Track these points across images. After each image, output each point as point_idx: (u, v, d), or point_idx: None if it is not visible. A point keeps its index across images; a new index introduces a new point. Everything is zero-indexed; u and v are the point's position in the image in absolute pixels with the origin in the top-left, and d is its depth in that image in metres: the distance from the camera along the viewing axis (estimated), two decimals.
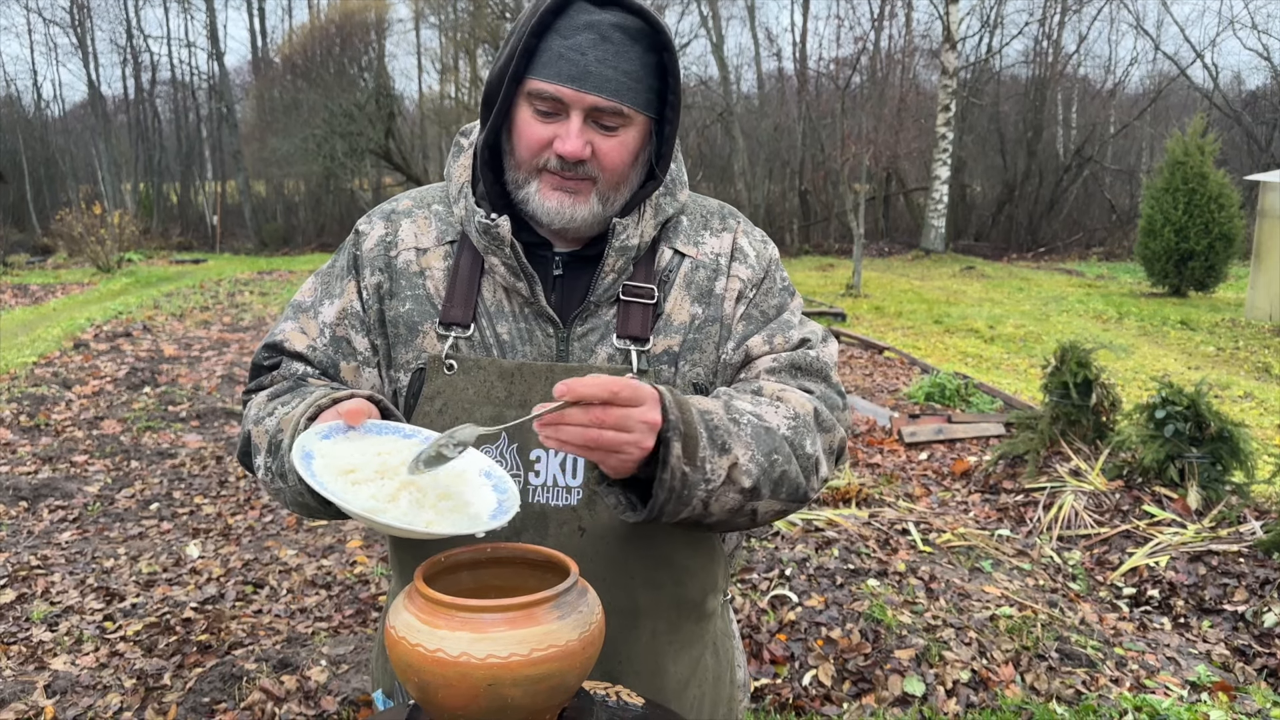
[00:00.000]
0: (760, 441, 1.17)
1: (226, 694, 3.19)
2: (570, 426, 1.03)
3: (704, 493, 1.13)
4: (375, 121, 25.23)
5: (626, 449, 1.06)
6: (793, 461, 1.20)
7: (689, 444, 1.10)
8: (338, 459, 1.09)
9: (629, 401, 1.04)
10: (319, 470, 1.06)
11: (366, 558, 4.43)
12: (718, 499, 1.15)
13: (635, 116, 1.23)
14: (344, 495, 1.04)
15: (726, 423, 1.16)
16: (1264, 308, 12.66)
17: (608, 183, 1.26)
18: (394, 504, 1.07)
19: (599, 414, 1.03)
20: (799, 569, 3.80)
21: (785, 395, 1.26)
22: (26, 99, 35.10)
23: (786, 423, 1.22)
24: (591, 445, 1.04)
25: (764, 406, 1.23)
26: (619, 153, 1.24)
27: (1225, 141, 19.83)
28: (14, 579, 4.16)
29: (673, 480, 1.10)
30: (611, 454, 1.06)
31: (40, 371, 8.59)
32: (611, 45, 1.19)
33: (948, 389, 7.41)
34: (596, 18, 1.20)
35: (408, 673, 1.01)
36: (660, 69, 1.24)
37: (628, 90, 1.21)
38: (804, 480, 1.22)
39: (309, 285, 1.41)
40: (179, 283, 17.21)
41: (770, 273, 1.39)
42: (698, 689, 1.43)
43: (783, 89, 28.53)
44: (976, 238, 25.98)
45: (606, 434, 1.04)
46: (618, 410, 1.04)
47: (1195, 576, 3.98)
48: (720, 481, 1.14)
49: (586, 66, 1.19)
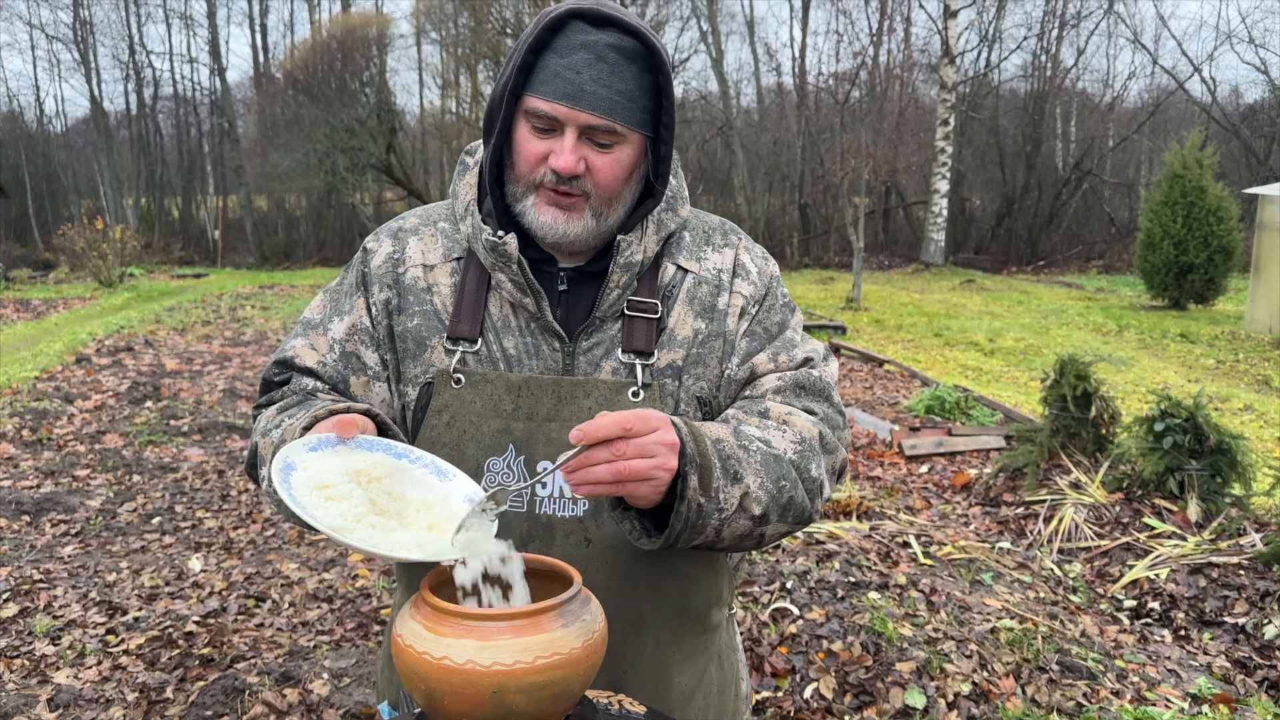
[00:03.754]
0: (769, 469, 1.21)
1: (229, 707, 3.20)
2: (596, 468, 1.06)
3: (717, 521, 1.16)
4: (377, 136, 25.33)
5: (654, 474, 1.08)
6: (799, 486, 1.24)
7: (704, 475, 1.13)
8: (317, 473, 1.09)
9: (643, 431, 1.07)
10: (296, 484, 1.05)
11: (368, 571, 4.43)
12: (729, 526, 1.18)
13: (629, 135, 1.25)
14: (313, 512, 1.03)
15: (737, 451, 1.19)
16: (1263, 320, 12.68)
17: (600, 198, 1.28)
18: (361, 523, 1.06)
19: (620, 447, 1.06)
20: (800, 582, 3.80)
21: (791, 419, 1.28)
22: (29, 114, 35.25)
23: (793, 447, 1.25)
24: (622, 478, 1.07)
25: (771, 431, 1.25)
26: (612, 169, 1.26)
27: (1224, 155, 19.91)
28: (16, 593, 4.17)
29: (689, 512, 1.13)
30: (642, 483, 1.08)
31: (42, 386, 8.61)
32: (606, 65, 1.21)
33: (948, 402, 7.42)
34: (593, 37, 1.22)
35: (414, 680, 1.02)
36: (656, 89, 1.26)
37: (621, 109, 1.23)
38: (809, 503, 1.26)
39: (318, 302, 1.43)
40: (180, 297, 17.25)
41: (772, 289, 1.41)
42: (703, 700, 1.44)
43: (782, 103, 28.66)
44: (976, 251, 26.04)
45: (633, 464, 1.06)
46: (636, 441, 1.07)
47: (1195, 589, 3.98)
48: (733, 510, 1.17)
49: (581, 85, 1.21)
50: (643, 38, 1.23)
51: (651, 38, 1.24)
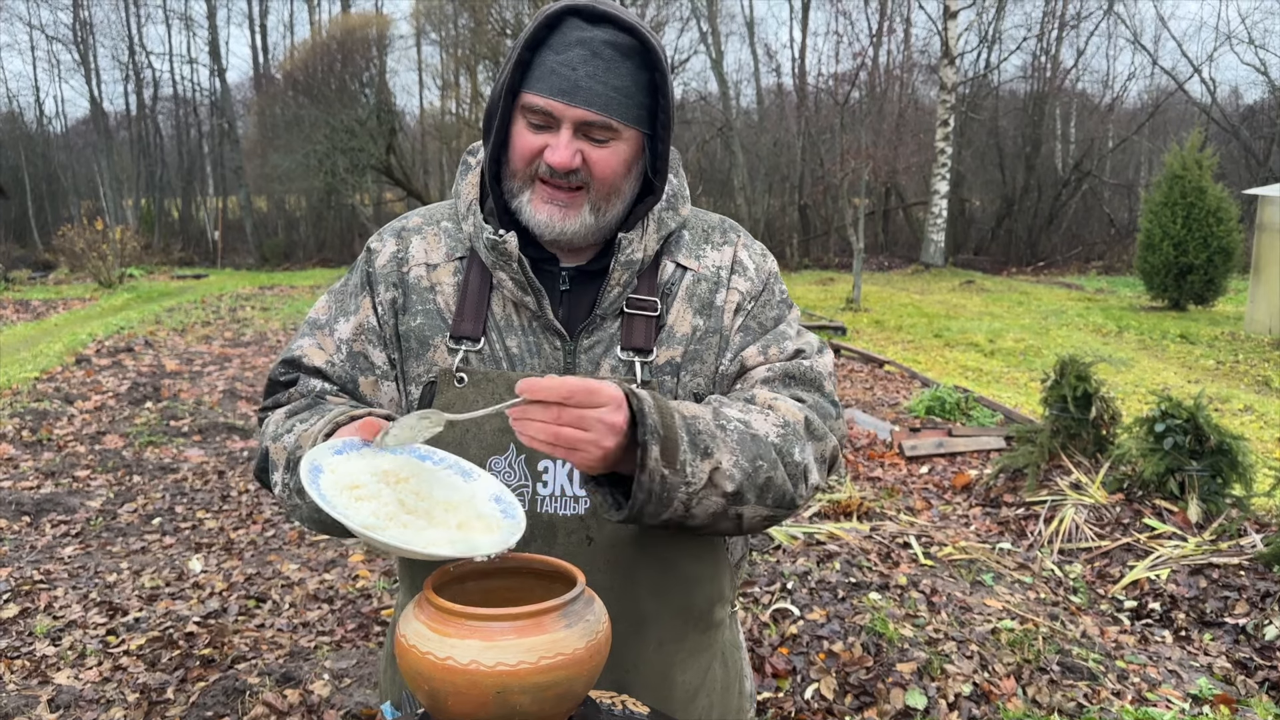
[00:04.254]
0: (745, 448, 1.20)
1: (229, 708, 3.20)
2: (533, 422, 1.08)
3: (684, 495, 1.15)
4: (376, 137, 25.32)
5: (585, 447, 1.09)
6: (779, 468, 1.22)
7: (668, 446, 1.13)
8: (345, 475, 1.10)
9: (584, 404, 1.08)
10: (325, 486, 1.07)
11: (369, 572, 4.43)
12: (699, 502, 1.17)
13: (625, 130, 1.26)
14: (345, 511, 1.05)
15: (712, 428, 1.18)
16: (1263, 321, 12.68)
17: (599, 192, 1.28)
18: (393, 522, 1.08)
19: (556, 412, 1.07)
20: (800, 582, 3.80)
21: (776, 404, 1.28)
22: (29, 115, 35.22)
23: (775, 430, 1.24)
24: (552, 441, 1.08)
25: (753, 414, 1.25)
26: (609, 163, 1.26)
27: (1223, 155, 19.91)
28: (17, 594, 4.17)
29: (651, 482, 1.13)
30: (573, 451, 1.09)
31: (42, 387, 8.61)
32: (602, 61, 1.22)
33: (948, 402, 7.42)
34: (588, 34, 1.23)
35: (417, 680, 1.02)
36: (652, 86, 1.26)
37: (617, 105, 1.23)
38: (791, 487, 1.24)
39: (323, 303, 1.43)
40: (180, 298, 17.26)
41: (769, 285, 1.41)
42: (706, 699, 1.44)
43: (782, 104, 28.66)
44: (976, 252, 26.05)
45: (565, 431, 1.07)
46: (573, 410, 1.07)
47: (1196, 589, 3.98)
48: (701, 485, 1.16)
49: (577, 81, 1.21)
50: (638, 34, 1.24)
51: (647, 34, 1.24)
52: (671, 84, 1.28)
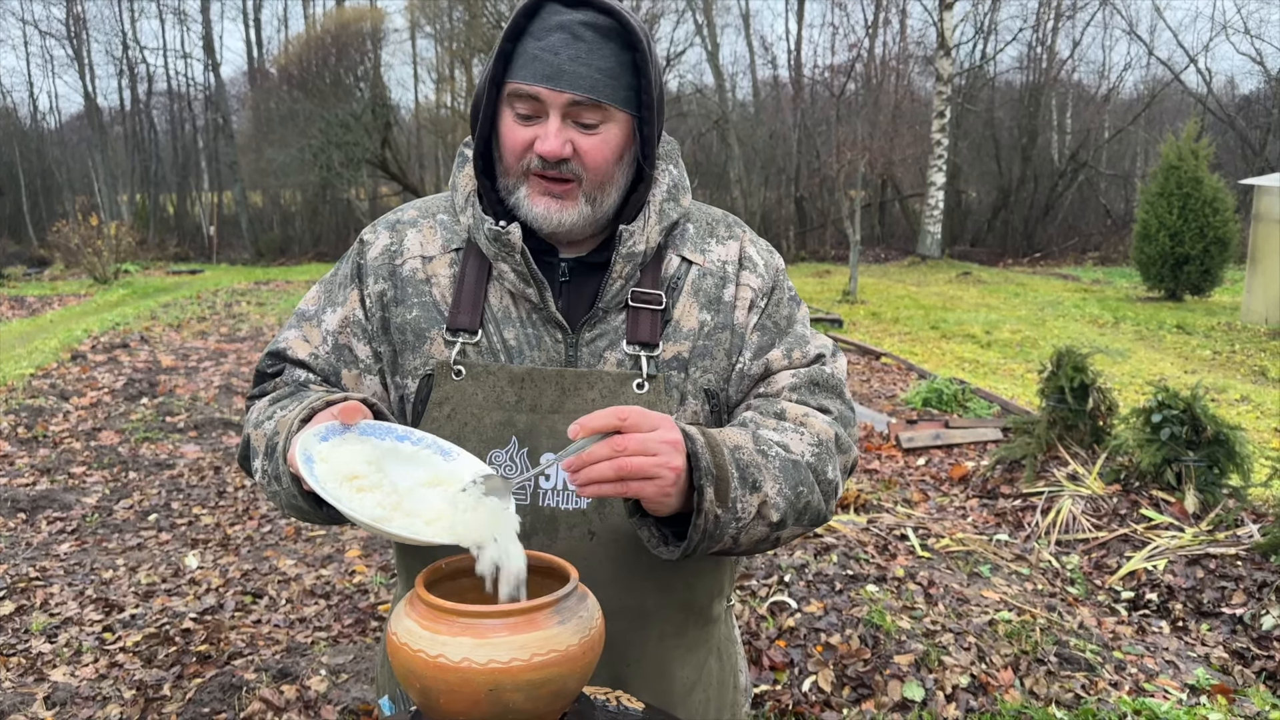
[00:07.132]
0: (787, 475, 1.20)
1: (226, 704, 3.19)
2: (598, 465, 1.05)
3: (734, 530, 1.16)
4: (371, 131, 25.25)
5: (658, 471, 1.07)
6: (815, 490, 1.24)
7: (721, 487, 1.13)
8: (339, 464, 1.09)
9: (638, 426, 1.06)
10: (322, 475, 1.06)
11: (365, 567, 4.43)
12: (746, 533, 1.18)
13: (614, 113, 1.24)
14: (350, 503, 1.05)
15: (756, 457, 1.18)
16: (1260, 311, 12.69)
17: (592, 182, 1.27)
18: (397, 511, 1.08)
19: (620, 443, 1.05)
20: (798, 575, 3.80)
21: (808, 421, 1.29)
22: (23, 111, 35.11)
23: (810, 450, 1.25)
24: (625, 475, 1.05)
25: (789, 434, 1.25)
26: (601, 150, 1.25)
27: (1219, 146, 19.91)
28: (13, 590, 4.16)
29: (706, 524, 1.13)
30: (647, 481, 1.07)
31: (38, 383, 8.58)
32: (584, 43, 1.21)
33: (945, 394, 7.43)
34: (567, 18, 1.22)
35: (410, 679, 1.01)
36: (636, 66, 1.25)
37: (604, 86, 1.22)
38: (824, 505, 1.27)
39: (312, 294, 1.43)
40: (176, 293, 17.21)
41: (779, 282, 1.41)
42: (703, 693, 1.44)
43: (778, 96, 28.60)
44: (972, 243, 26.03)
45: (634, 460, 1.05)
46: (634, 436, 1.05)
47: (1193, 580, 3.99)
48: (750, 518, 1.17)
49: (560, 65, 1.20)
50: (617, 15, 1.22)
51: (627, 15, 1.22)
52: (656, 64, 1.27)
